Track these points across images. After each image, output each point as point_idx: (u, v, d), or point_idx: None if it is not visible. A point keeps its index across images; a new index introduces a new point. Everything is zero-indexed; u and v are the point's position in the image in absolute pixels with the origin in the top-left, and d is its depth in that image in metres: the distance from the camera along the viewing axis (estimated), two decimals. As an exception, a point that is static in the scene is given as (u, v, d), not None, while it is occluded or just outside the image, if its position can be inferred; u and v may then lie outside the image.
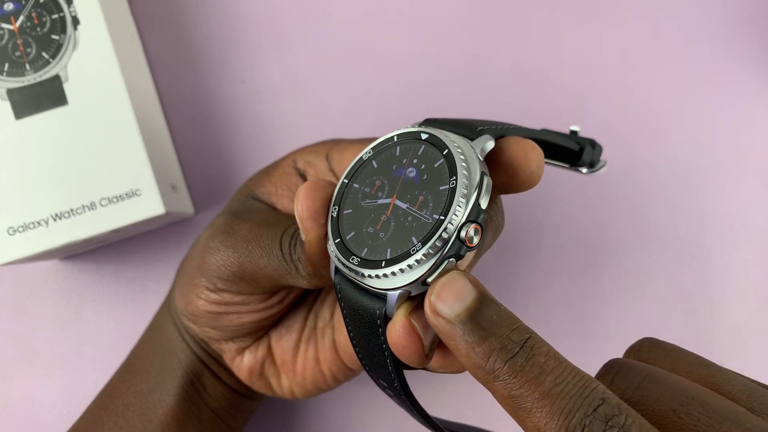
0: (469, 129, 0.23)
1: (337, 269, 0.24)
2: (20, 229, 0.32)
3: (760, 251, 0.39)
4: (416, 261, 0.21)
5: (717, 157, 0.39)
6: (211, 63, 0.39)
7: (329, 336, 0.30)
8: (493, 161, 0.23)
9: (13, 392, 0.37)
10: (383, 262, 0.21)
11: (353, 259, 0.22)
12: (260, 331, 0.30)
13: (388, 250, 0.22)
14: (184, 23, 0.39)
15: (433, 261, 0.21)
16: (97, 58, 0.33)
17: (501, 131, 0.24)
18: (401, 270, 0.21)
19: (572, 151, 0.30)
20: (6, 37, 0.32)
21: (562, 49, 0.40)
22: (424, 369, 0.24)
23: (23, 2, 0.32)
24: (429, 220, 0.21)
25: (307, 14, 0.40)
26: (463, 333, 0.19)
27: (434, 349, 0.22)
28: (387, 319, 0.22)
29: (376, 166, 0.24)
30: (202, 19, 0.39)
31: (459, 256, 0.21)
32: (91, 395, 0.32)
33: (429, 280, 0.21)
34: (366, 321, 0.23)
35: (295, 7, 0.40)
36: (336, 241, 0.23)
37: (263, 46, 0.39)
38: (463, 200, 0.21)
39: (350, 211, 0.23)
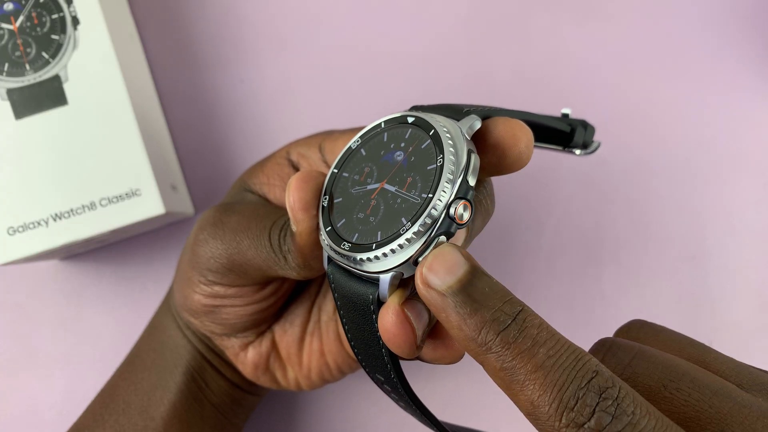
0: (455, 111, 0.23)
1: (329, 259, 0.24)
2: (20, 229, 0.32)
3: (760, 251, 0.39)
4: (406, 240, 0.21)
5: (717, 157, 0.39)
6: (211, 63, 0.39)
7: (333, 328, 0.30)
8: (480, 143, 0.23)
9: (13, 392, 0.37)
10: (374, 245, 0.21)
11: (344, 244, 0.22)
12: (262, 325, 0.30)
13: (379, 232, 0.22)
14: (184, 23, 0.39)
15: (423, 240, 0.21)
16: (97, 58, 0.33)
17: (488, 112, 0.24)
18: (392, 251, 0.21)
19: (564, 133, 0.29)
20: (6, 37, 0.32)
21: (561, 48, 0.40)
22: (418, 359, 0.24)
23: (23, 2, 0.32)
24: (417, 199, 0.21)
25: (307, 14, 0.40)
26: (455, 305, 0.19)
27: (425, 338, 0.22)
28: (380, 304, 0.22)
29: (364, 153, 0.24)
30: (202, 19, 0.39)
31: (449, 234, 0.21)
32: (91, 395, 0.32)
33: (420, 259, 0.21)
34: (359, 308, 0.23)
35: (295, 7, 0.40)
36: (327, 230, 0.23)
37: (263, 46, 0.39)
38: (451, 177, 0.21)
39: (340, 199, 0.23)
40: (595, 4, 0.40)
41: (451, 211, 0.21)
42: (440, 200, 0.21)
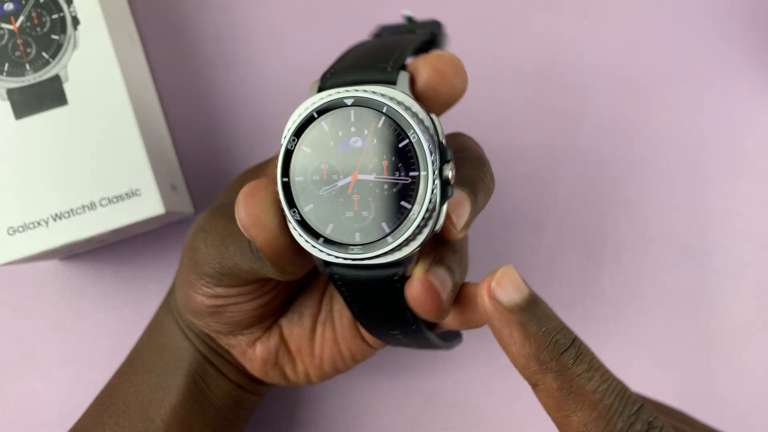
0: (381, 71, 0.23)
1: (327, 262, 0.23)
2: (20, 229, 0.32)
3: (760, 251, 0.39)
4: (422, 221, 0.21)
5: (717, 157, 0.39)
6: (211, 63, 0.39)
7: (348, 316, 0.30)
8: (410, 89, 0.23)
9: (13, 392, 0.37)
10: (388, 237, 0.21)
11: (352, 249, 0.22)
12: (268, 320, 0.30)
13: (383, 224, 0.22)
14: (184, 23, 0.39)
15: (435, 214, 0.21)
16: (97, 58, 0.33)
17: (399, 55, 0.23)
18: (412, 235, 0.21)
19: (428, 42, 0.29)
20: (6, 37, 0.32)
21: (562, 48, 0.40)
22: (446, 333, 0.26)
23: (23, 2, 0.32)
24: (407, 179, 0.21)
25: (307, 14, 0.40)
26: (521, 322, 0.20)
27: (451, 304, 0.23)
28: (404, 279, 0.23)
29: (309, 150, 0.22)
30: (202, 19, 0.39)
31: (449, 196, 0.22)
32: (91, 395, 0.32)
33: (437, 229, 0.22)
34: (381, 290, 0.23)
35: (295, 7, 0.40)
36: (320, 242, 0.22)
37: (263, 46, 0.39)
38: (431, 148, 0.21)
39: (311, 206, 0.22)
40: (595, 4, 0.40)
41: (444, 176, 0.21)
42: (434, 172, 0.21)
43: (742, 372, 0.38)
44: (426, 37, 0.28)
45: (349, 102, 0.22)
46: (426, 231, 0.21)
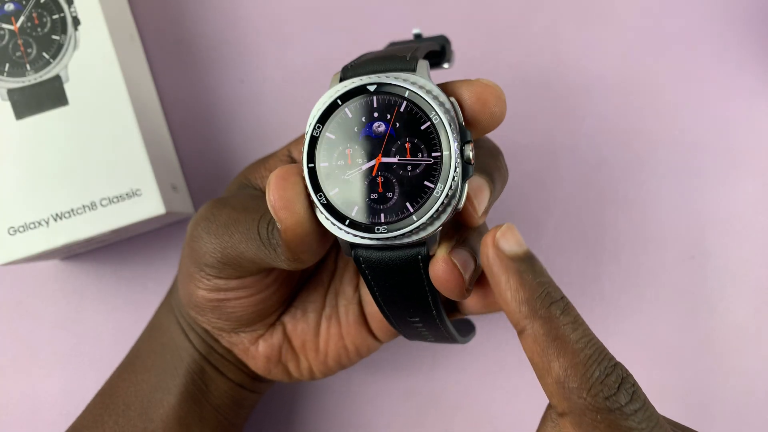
0: (400, 61, 0.23)
1: (352, 245, 0.24)
2: (20, 229, 0.32)
3: (760, 251, 0.39)
4: (445, 199, 0.22)
5: (717, 157, 0.39)
6: (211, 63, 0.39)
7: (354, 311, 0.30)
8: None
9: (13, 392, 0.37)
10: (413, 215, 0.22)
11: (379, 228, 0.22)
12: (270, 317, 0.30)
13: (407, 204, 0.22)
14: (184, 23, 0.39)
15: (458, 192, 0.22)
16: (98, 59, 0.33)
17: (416, 52, 0.24)
18: (436, 213, 0.22)
19: (437, 52, 0.31)
20: (6, 37, 0.32)
21: (561, 49, 0.40)
22: (461, 312, 0.27)
23: (24, 2, 0.32)
24: (431, 160, 0.22)
25: (307, 14, 0.40)
26: (519, 270, 0.22)
27: (473, 284, 0.24)
28: (428, 259, 0.23)
29: (333, 137, 0.23)
30: (202, 19, 0.39)
31: (469, 176, 0.23)
32: (91, 395, 0.32)
33: (459, 206, 0.23)
34: (405, 270, 0.24)
35: (295, 7, 0.40)
36: (346, 224, 0.23)
37: (263, 46, 0.39)
38: (454, 127, 0.22)
39: (337, 190, 0.23)
40: (596, 4, 0.40)
41: (465, 156, 0.22)
42: (456, 151, 0.22)
43: (742, 372, 0.38)
44: (436, 47, 0.29)
45: (371, 88, 0.23)
46: (449, 209, 0.22)
